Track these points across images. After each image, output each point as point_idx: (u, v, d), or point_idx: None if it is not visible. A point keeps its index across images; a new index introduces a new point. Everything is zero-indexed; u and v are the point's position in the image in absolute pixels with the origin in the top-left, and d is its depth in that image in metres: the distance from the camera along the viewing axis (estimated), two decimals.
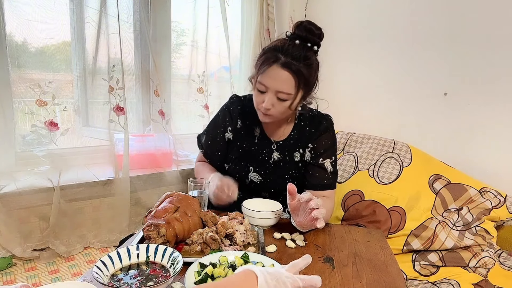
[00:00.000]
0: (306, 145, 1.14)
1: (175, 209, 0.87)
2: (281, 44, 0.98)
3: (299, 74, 0.96)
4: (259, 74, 0.99)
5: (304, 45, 0.98)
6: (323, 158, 1.12)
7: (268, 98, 0.99)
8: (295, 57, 0.95)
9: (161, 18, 1.77)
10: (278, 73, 0.96)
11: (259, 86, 1.00)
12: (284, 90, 0.97)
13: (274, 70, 0.96)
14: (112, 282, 0.65)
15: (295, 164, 1.16)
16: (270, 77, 0.97)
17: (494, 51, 1.46)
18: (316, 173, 1.12)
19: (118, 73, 1.55)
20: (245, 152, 1.16)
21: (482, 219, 1.32)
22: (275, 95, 0.98)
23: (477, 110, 1.52)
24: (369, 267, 0.82)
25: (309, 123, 1.15)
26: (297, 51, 0.96)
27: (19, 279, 1.30)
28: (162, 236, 0.80)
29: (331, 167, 1.12)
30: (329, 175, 1.12)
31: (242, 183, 1.18)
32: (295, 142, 1.14)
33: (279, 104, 1.00)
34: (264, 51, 1.01)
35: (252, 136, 1.16)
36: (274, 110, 1.01)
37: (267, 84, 0.98)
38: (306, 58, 0.97)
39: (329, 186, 1.11)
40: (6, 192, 1.33)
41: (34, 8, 1.41)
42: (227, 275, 0.67)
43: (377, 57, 1.88)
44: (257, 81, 1.00)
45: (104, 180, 1.56)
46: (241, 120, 1.17)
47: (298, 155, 1.15)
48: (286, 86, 0.97)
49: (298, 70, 0.96)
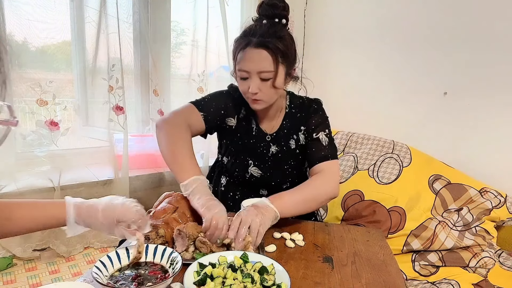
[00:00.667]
0: (299, 128, 1.13)
1: (174, 209, 0.87)
2: (249, 28, 1.01)
3: (274, 49, 0.97)
4: (236, 62, 1.01)
5: (272, 22, 1.00)
6: (316, 132, 1.10)
7: (253, 82, 0.99)
8: (265, 35, 0.97)
9: (160, 18, 1.77)
10: (254, 54, 0.97)
11: (240, 73, 1.00)
12: (265, 68, 0.97)
13: (249, 52, 0.97)
14: (111, 282, 0.65)
15: (293, 152, 1.15)
16: (247, 60, 0.98)
17: (494, 51, 1.45)
18: (313, 148, 1.09)
19: (118, 73, 1.55)
20: (244, 145, 1.15)
21: (482, 219, 1.32)
22: (258, 76, 0.98)
23: (477, 109, 1.52)
24: (369, 267, 0.82)
25: (300, 109, 1.15)
26: (265, 29, 0.98)
27: (20, 279, 1.30)
28: (161, 236, 0.79)
29: (327, 139, 1.09)
30: (325, 147, 1.08)
31: (242, 178, 1.17)
32: (288, 130, 1.14)
33: (264, 86, 0.99)
34: (235, 40, 1.03)
35: (250, 129, 1.15)
36: (262, 94, 1.00)
37: (247, 68, 0.98)
38: (276, 33, 0.98)
39: (327, 157, 1.07)
40: (6, 192, 1.33)
41: (35, 8, 1.41)
42: (226, 275, 0.67)
43: (377, 57, 1.87)
44: (237, 70, 1.01)
45: (103, 180, 1.56)
46: (244, 109, 1.15)
47: (293, 142, 1.14)
48: (265, 64, 0.97)
49: (272, 45, 0.96)
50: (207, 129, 1.11)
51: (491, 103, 1.48)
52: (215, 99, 1.14)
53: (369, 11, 1.90)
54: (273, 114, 1.13)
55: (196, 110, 1.08)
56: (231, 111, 1.13)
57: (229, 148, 1.18)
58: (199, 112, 1.08)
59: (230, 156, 1.18)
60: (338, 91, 2.03)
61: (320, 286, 0.73)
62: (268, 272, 0.68)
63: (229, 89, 1.19)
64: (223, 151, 1.22)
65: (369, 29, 1.89)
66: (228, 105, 1.13)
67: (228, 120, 1.14)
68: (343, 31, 2.01)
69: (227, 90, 1.18)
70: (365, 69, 1.94)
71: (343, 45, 2.01)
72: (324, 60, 2.10)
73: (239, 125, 1.15)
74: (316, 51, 2.14)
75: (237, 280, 0.66)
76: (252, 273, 0.66)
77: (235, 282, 0.65)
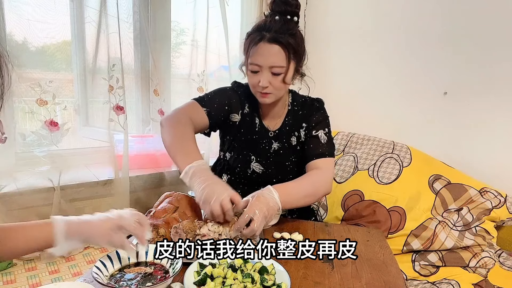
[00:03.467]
0: (300, 125, 1.15)
1: (174, 209, 0.87)
2: (263, 22, 1.02)
3: (287, 45, 0.99)
4: (249, 55, 1.02)
5: (285, 18, 1.01)
6: (316, 130, 1.13)
7: (264, 76, 1.00)
8: (278, 31, 0.98)
9: (160, 18, 1.77)
10: (267, 49, 0.99)
11: (251, 67, 1.02)
12: (277, 63, 0.99)
13: (262, 47, 0.99)
14: (111, 282, 0.65)
15: (294, 149, 1.16)
16: (261, 54, 0.99)
17: (494, 50, 1.45)
18: (311, 145, 1.12)
19: (118, 73, 1.55)
20: (247, 141, 1.16)
21: (482, 219, 1.32)
22: (269, 71, 1.00)
23: (477, 109, 1.52)
24: (369, 267, 0.82)
25: (302, 107, 1.17)
26: (279, 25, 0.99)
27: (19, 279, 1.30)
28: (161, 236, 0.80)
29: (325, 137, 1.12)
30: (323, 144, 1.11)
31: (244, 174, 1.17)
32: (290, 127, 1.16)
33: (275, 80, 1.01)
34: (248, 34, 1.04)
35: (253, 125, 1.16)
36: (271, 88, 1.02)
37: (259, 62, 1.00)
38: (289, 29, 1.00)
39: (324, 154, 1.10)
40: (6, 192, 1.33)
41: (35, 7, 1.41)
42: (226, 275, 0.67)
43: (377, 57, 1.87)
44: (249, 63, 1.02)
45: (104, 180, 1.56)
46: (248, 105, 1.16)
47: (294, 139, 1.16)
48: (278, 59, 0.99)
49: (286, 41, 0.98)
50: (211, 124, 1.11)
51: (491, 103, 1.48)
52: (218, 95, 1.14)
53: (369, 11, 1.90)
54: (277, 110, 1.15)
55: (199, 106, 1.09)
56: (235, 106, 1.14)
57: (232, 143, 1.18)
58: (202, 108, 1.09)
59: (233, 151, 1.19)
60: (338, 91, 2.03)
61: (320, 286, 0.73)
62: (268, 272, 0.68)
63: (232, 86, 1.20)
64: (225, 147, 1.23)
65: (369, 29, 1.89)
66: (232, 101, 1.14)
67: (232, 116, 1.15)
68: (343, 31, 2.01)
69: (230, 86, 1.20)
70: (365, 69, 1.94)
71: (343, 45, 2.01)
72: (324, 60, 2.09)
73: (243, 120, 1.16)
74: (316, 51, 2.13)
75: (237, 280, 0.66)
76: (252, 273, 0.67)
77: (235, 282, 0.65)
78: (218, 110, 1.11)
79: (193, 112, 1.08)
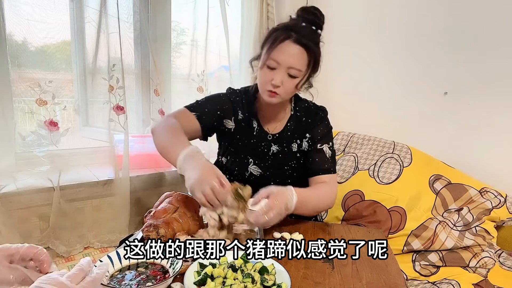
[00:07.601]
0: (304, 135, 1.15)
1: (174, 209, 0.86)
2: (292, 23, 1.02)
3: (311, 51, 0.99)
4: (270, 50, 1.00)
5: (311, 28, 1.02)
6: (321, 144, 1.13)
7: (279, 74, 0.99)
8: (306, 36, 0.99)
9: (161, 18, 1.77)
10: (291, 49, 0.98)
11: (270, 62, 1.00)
12: (296, 66, 0.99)
13: (287, 45, 0.98)
14: (111, 283, 0.65)
15: (294, 155, 1.16)
16: (283, 52, 0.98)
17: (494, 50, 1.45)
18: (316, 159, 1.12)
19: (118, 73, 1.55)
20: (244, 145, 1.15)
21: (482, 219, 1.32)
22: (286, 71, 0.99)
23: (477, 109, 1.52)
24: (369, 267, 0.82)
25: (305, 113, 1.16)
26: (307, 31, 1.00)
27: None
28: (161, 236, 0.79)
29: (330, 152, 1.13)
30: (328, 159, 1.13)
31: (241, 176, 1.17)
32: (292, 133, 1.15)
33: (288, 82, 1.01)
34: (274, 29, 1.03)
35: (251, 128, 1.15)
36: (282, 89, 1.01)
37: (280, 59, 0.98)
38: (314, 39, 1.01)
39: (330, 170, 1.12)
40: (6, 192, 1.33)
41: (34, 7, 1.41)
42: (227, 275, 0.67)
43: (377, 57, 1.87)
44: (268, 58, 1.00)
45: (104, 180, 1.56)
46: (241, 111, 1.15)
47: (295, 146, 1.16)
48: (299, 62, 0.99)
49: (311, 47, 0.99)
50: (203, 129, 1.10)
51: (491, 103, 1.47)
52: (210, 100, 1.15)
53: (369, 12, 1.89)
54: (277, 113, 1.14)
55: (189, 112, 1.09)
56: (228, 113, 1.14)
57: (229, 148, 1.18)
58: (192, 112, 1.08)
59: (230, 155, 1.19)
60: (338, 91, 2.03)
61: (320, 286, 0.73)
62: (269, 272, 0.68)
63: (226, 92, 1.19)
64: (222, 151, 1.23)
65: (369, 29, 1.89)
66: (224, 107, 1.13)
67: (226, 122, 1.14)
68: (343, 31, 2.00)
69: (224, 93, 1.19)
70: (365, 69, 1.94)
71: (344, 45, 2.01)
72: (324, 61, 2.08)
73: (238, 126, 1.15)
74: None
75: (237, 280, 0.66)
76: (252, 273, 0.66)
77: (236, 282, 0.65)
78: (210, 114, 1.10)
79: (183, 117, 1.07)
